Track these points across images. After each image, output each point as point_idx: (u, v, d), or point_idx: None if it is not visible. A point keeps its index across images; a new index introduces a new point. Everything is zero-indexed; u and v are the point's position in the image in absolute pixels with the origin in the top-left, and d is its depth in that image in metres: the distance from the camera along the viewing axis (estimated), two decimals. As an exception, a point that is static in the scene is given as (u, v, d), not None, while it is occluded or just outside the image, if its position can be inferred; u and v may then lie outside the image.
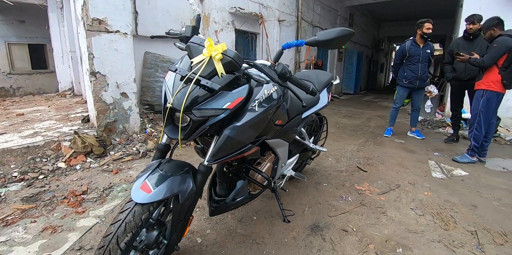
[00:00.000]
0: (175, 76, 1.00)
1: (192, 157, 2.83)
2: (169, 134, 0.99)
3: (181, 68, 0.98)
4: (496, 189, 2.33)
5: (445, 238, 1.64)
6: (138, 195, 0.90)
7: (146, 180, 0.93)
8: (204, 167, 1.04)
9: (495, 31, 2.55)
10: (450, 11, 8.01)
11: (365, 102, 8.44)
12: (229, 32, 4.52)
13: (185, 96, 0.89)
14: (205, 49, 0.92)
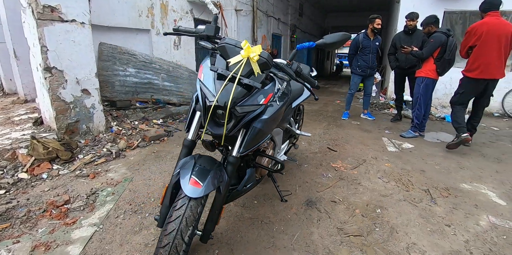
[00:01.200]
0: (213, 75, 1.05)
1: (172, 152, 2.81)
2: (212, 130, 1.06)
3: (221, 68, 1.03)
4: (435, 156, 2.96)
5: (408, 197, 2.07)
6: (191, 191, 0.94)
7: (192, 176, 0.98)
8: (234, 158, 1.13)
9: (432, 28, 3.13)
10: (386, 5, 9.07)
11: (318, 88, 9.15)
12: (189, 22, 4.38)
13: (231, 95, 0.97)
14: (243, 50, 1.01)
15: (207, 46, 1.20)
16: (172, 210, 0.94)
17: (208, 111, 1.02)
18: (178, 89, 4.44)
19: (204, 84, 1.04)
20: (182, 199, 0.95)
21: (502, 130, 4.29)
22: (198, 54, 4.92)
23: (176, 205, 0.95)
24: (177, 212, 0.93)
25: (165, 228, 0.92)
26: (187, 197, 0.94)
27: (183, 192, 0.95)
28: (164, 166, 2.49)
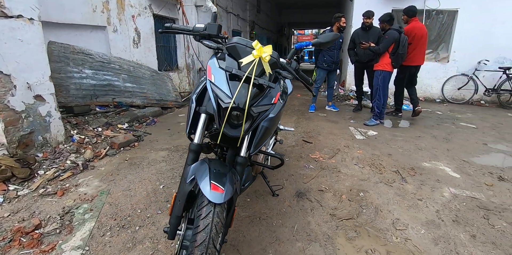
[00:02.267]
0: (225, 76, 1.02)
1: (147, 158, 2.67)
2: (229, 132, 1.03)
3: (235, 69, 1.02)
4: (397, 141, 3.32)
5: (383, 179, 2.31)
6: (215, 197, 0.90)
7: (212, 181, 0.93)
8: (243, 159, 1.12)
9: (386, 25, 3.49)
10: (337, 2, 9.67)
11: None
12: (147, 18, 4.11)
13: (248, 96, 0.97)
14: (255, 50, 1.01)
15: (212, 45, 1.18)
16: (198, 220, 0.89)
17: (222, 113, 1.00)
18: (141, 90, 4.19)
19: (216, 85, 1.01)
20: (206, 206, 0.90)
21: (444, 113, 4.99)
22: (160, 52, 4.67)
23: (201, 213, 0.90)
24: (204, 220, 0.89)
25: (194, 239, 0.87)
26: (211, 203, 0.91)
27: (205, 199, 0.91)
28: (142, 173, 2.34)
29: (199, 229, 0.87)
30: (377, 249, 1.48)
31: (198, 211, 0.91)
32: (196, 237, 0.87)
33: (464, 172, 2.50)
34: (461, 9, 5.38)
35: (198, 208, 0.92)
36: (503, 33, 5.35)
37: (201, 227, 0.88)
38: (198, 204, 0.93)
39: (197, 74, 5.97)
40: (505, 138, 3.64)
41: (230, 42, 1.07)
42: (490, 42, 5.44)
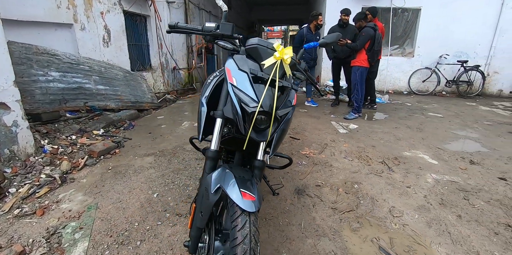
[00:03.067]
0: (248, 78, 0.99)
1: (132, 165, 2.53)
2: (255, 136, 0.99)
3: (258, 71, 0.99)
4: (377, 133, 3.53)
5: (372, 170, 2.45)
6: (248, 205, 0.87)
7: (241, 189, 0.90)
8: (260, 162, 1.08)
9: (363, 23, 3.66)
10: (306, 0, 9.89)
11: None
12: (117, 15, 3.85)
13: (275, 99, 0.95)
14: (277, 52, 0.99)
15: (228, 46, 1.13)
16: (235, 231, 0.85)
17: (248, 117, 0.96)
18: (115, 93, 3.94)
19: (239, 89, 0.97)
20: (241, 217, 0.87)
21: (413, 104, 5.40)
22: (132, 51, 4.42)
23: (236, 224, 0.86)
24: (242, 231, 0.85)
25: (234, 252, 0.83)
26: (245, 213, 0.87)
27: (238, 209, 0.87)
28: (131, 182, 2.21)
29: (237, 241, 0.84)
30: (380, 237, 1.58)
31: (232, 222, 0.87)
32: (236, 249, 0.83)
33: (440, 159, 2.74)
34: (423, 7, 5.83)
35: (231, 218, 0.88)
36: (460, 29, 5.91)
37: (239, 238, 0.84)
38: (230, 214, 0.89)
39: (171, 73, 5.76)
40: (468, 125, 4.05)
41: (251, 44, 1.05)
42: (450, 38, 5.98)
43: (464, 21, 5.82)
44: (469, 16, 5.79)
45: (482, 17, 5.77)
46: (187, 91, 6.46)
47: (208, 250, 0.99)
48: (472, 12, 5.77)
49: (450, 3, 5.74)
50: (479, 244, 1.55)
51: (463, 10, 5.76)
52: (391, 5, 5.72)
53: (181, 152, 2.81)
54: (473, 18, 5.77)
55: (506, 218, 1.81)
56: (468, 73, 6.04)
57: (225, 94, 1.07)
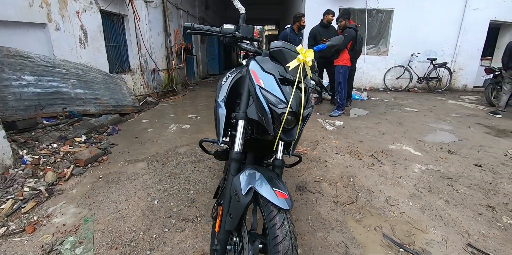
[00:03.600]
0: (275, 80, 1.01)
1: (124, 172, 2.45)
2: (286, 137, 1.01)
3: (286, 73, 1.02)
4: (362, 128, 3.72)
5: (364, 164, 2.60)
6: (284, 203, 0.90)
7: (273, 188, 0.92)
8: (281, 161, 1.12)
9: (345, 23, 3.83)
10: (283, 0, 10.06)
11: None
12: (94, 14, 3.67)
13: (302, 100, 0.99)
14: (300, 55, 1.03)
15: (251, 49, 1.14)
16: (274, 229, 0.87)
17: (277, 118, 0.97)
18: (94, 97, 3.77)
19: (268, 90, 0.99)
20: (279, 215, 0.89)
21: (390, 100, 5.74)
22: (110, 52, 4.24)
23: (275, 222, 0.88)
24: (282, 229, 0.87)
25: (277, 250, 0.85)
26: (282, 211, 0.90)
27: (274, 208, 0.90)
28: (126, 190, 2.12)
29: (279, 239, 0.86)
30: (382, 225, 1.69)
31: (269, 221, 0.89)
32: (278, 247, 0.85)
33: (422, 150, 2.97)
34: (396, 9, 6.23)
35: (268, 218, 0.90)
36: (429, 30, 6.39)
37: (280, 236, 0.86)
38: (266, 214, 0.91)
39: (151, 75, 5.60)
40: (441, 118, 4.40)
41: (276, 46, 1.06)
42: (420, 38, 6.43)
43: (432, 22, 6.30)
44: (437, 18, 6.28)
45: (448, 18, 6.28)
46: (167, 93, 6.32)
47: (239, 252, 1.00)
48: (439, 14, 6.27)
49: (420, 5, 6.19)
50: (467, 224, 1.72)
51: (431, 12, 6.24)
52: (366, 7, 6.03)
53: (174, 155, 2.76)
54: (440, 19, 6.27)
55: (486, 199, 2.02)
56: (437, 70, 6.54)
57: (247, 96, 1.08)
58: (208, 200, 1.96)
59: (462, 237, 1.61)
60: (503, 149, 3.06)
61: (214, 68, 10.79)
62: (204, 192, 2.07)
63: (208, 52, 10.17)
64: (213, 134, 3.39)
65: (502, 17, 6.26)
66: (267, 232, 0.90)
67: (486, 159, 2.76)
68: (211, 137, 3.34)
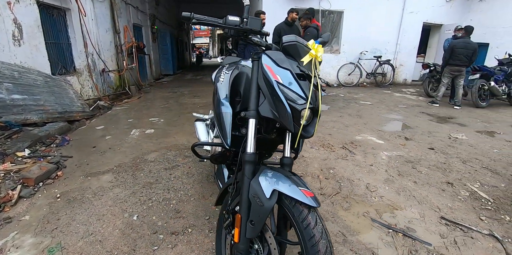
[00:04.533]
0: (292, 76, 0.96)
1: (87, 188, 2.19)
2: (306, 133, 0.98)
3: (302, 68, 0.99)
4: (328, 122, 3.94)
5: (338, 155, 2.76)
6: (313, 201, 0.87)
7: (299, 188, 0.90)
8: (289, 159, 1.09)
9: (307, 23, 3.99)
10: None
11: (192, 80, 9.12)
12: (30, 6, 3.14)
13: (319, 95, 0.97)
14: (313, 50, 1.01)
15: (262, 42, 1.08)
16: (309, 229, 0.85)
17: (296, 115, 0.93)
18: (36, 103, 3.27)
19: (286, 86, 0.94)
20: (311, 214, 0.87)
21: (345, 95, 6.20)
22: (50, 51, 3.72)
23: (308, 222, 0.86)
24: (317, 228, 0.86)
25: (316, 249, 0.83)
26: (312, 209, 0.88)
27: (304, 208, 0.88)
28: (95, 208, 1.84)
29: (316, 238, 0.84)
30: (369, 211, 1.82)
31: (302, 222, 0.87)
32: (317, 247, 0.83)
33: (384, 139, 3.28)
34: (346, 10, 6.74)
35: (300, 218, 0.87)
36: (375, 30, 7.07)
37: (317, 235, 0.84)
38: (296, 215, 0.88)
39: (100, 76, 5.08)
40: (392, 109, 4.92)
41: (290, 41, 1.03)
42: (367, 37, 7.08)
43: (377, 23, 7.00)
44: (381, 19, 6.99)
45: (390, 20, 7.05)
46: (120, 96, 5.82)
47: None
48: (383, 16, 7.00)
49: (366, 8, 6.82)
50: (436, 200, 1.96)
51: (376, 14, 6.93)
52: (319, 8, 6.41)
53: (144, 163, 2.54)
54: (384, 20, 7.00)
55: (445, 177, 2.32)
56: (382, 67, 7.29)
57: (256, 93, 1.02)
58: (195, 207, 1.85)
59: (434, 212, 1.83)
60: (446, 133, 3.55)
61: (167, 68, 10.29)
62: (188, 200, 1.94)
63: (161, 51, 9.65)
64: (182, 137, 3.26)
65: (432, 19, 7.28)
66: (300, 233, 0.86)
67: (436, 143, 3.17)
68: (180, 141, 3.19)
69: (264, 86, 1.00)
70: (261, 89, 1.01)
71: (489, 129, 3.86)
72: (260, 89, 1.02)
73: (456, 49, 4.85)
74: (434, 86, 6.03)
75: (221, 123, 1.11)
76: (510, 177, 2.36)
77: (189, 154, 2.72)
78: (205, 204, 1.89)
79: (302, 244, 0.86)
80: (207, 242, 1.53)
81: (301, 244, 0.87)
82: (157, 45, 9.18)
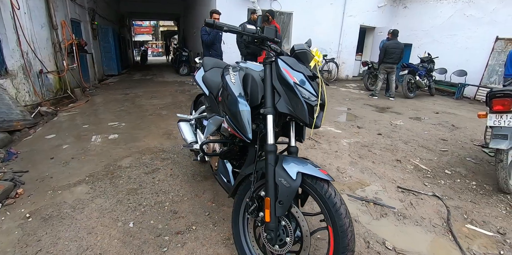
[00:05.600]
0: (305, 77, 1.14)
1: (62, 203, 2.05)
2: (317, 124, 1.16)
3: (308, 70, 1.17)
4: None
5: (307, 146, 3.08)
6: (329, 177, 1.06)
7: (317, 168, 1.09)
8: (295, 148, 1.28)
9: (266, 24, 4.22)
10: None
11: (143, 81, 8.58)
12: None
13: (325, 93, 1.16)
14: (316, 56, 1.20)
15: (277, 49, 1.23)
16: (331, 198, 1.03)
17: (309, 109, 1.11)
18: (-33, 111, 2.81)
19: (303, 86, 1.12)
20: (330, 187, 1.06)
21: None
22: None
23: (330, 193, 1.04)
24: (337, 196, 1.05)
25: (340, 213, 1.02)
26: (330, 184, 1.07)
27: (324, 183, 1.06)
28: (80, 222, 1.70)
29: (339, 204, 1.03)
30: (343, 188, 2.15)
31: (325, 193, 1.04)
32: (340, 210, 1.02)
33: (341, 128, 3.75)
34: (294, 12, 7.23)
35: (323, 191, 1.05)
36: (320, 31, 7.75)
37: (338, 202, 1.03)
38: (319, 189, 1.05)
39: (37, 79, 4.52)
40: (341, 102, 5.55)
41: (301, 49, 1.20)
42: (314, 37, 7.60)
43: (323, 24, 7.70)
44: (325, 21, 7.71)
45: (333, 22, 7.82)
46: (61, 100, 5.24)
47: (294, 230, 1.14)
48: (327, 18, 7.72)
49: (312, 10, 7.44)
50: (391, 174, 2.41)
51: (321, 16, 7.62)
52: (271, 8, 6.74)
53: (119, 170, 2.41)
54: (328, 22, 7.74)
55: (394, 156, 2.83)
56: (328, 64, 8.05)
57: (271, 92, 1.17)
58: (191, 206, 1.88)
59: (392, 183, 2.26)
60: (388, 121, 4.22)
61: (111, 68, 9.48)
62: (182, 200, 1.96)
63: (103, 49, 8.84)
64: (153, 140, 3.17)
65: (367, 22, 8.33)
66: (323, 203, 1.05)
67: (382, 129, 3.76)
68: (152, 144, 3.10)
69: (279, 86, 1.16)
70: (276, 89, 1.17)
71: (418, 115, 4.70)
72: (275, 89, 1.17)
73: (389, 49, 5.73)
74: (372, 81, 6.96)
75: (239, 120, 1.22)
76: (439, 152, 3.00)
77: (166, 156, 2.70)
78: (200, 202, 1.95)
79: (326, 212, 1.06)
80: (214, 235, 1.61)
81: (325, 212, 1.06)
82: (99, 43, 8.41)
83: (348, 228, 1.03)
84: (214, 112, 1.71)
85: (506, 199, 2.07)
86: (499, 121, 1.91)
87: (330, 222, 1.06)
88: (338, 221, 1.02)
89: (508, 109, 1.84)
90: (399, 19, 8.48)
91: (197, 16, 8.77)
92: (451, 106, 5.74)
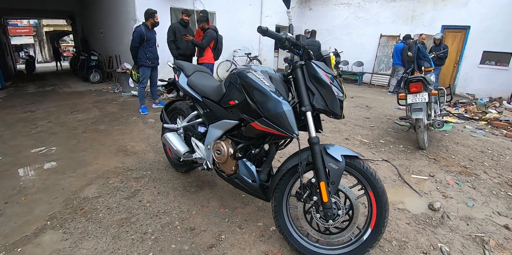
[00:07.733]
0: (333, 77, 1.37)
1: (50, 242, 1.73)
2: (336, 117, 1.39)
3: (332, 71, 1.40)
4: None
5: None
6: (361, 155, 1.39)
7: (351, 150, 1.39)
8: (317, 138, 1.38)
9: (205, 25, 4.24)
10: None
11: (44, 93, 6.86)
12: None
13: (344, 90, 1.39)
14: (332, 60, 1.45)
15: (312, 55, 1.43)
16: (369, 170, 1.34)
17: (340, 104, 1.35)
18: None
19: (334, 86, 1.35)
20: (365, 162, 1.37)
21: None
22: None
23: (367, 167, 1.34)
24: (373, 170, 1.36)
25: (381, 185, 1.33)
26: (363, 161, 1.37)
27: (360, 160, 1.36)
28: None
29: (377, 177, 1.35)
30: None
31: (363, 167, 1.35)
32: (378, 179, 1.34)
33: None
34: (217, 11, 7.32)
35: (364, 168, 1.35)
36: (243, 30, 8.13)
37: (374, 173, 1.36)
38: (360, 166, 1.35)
39: None
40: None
41: (327, 54, 1.43)
42: (238, 36, 8.04)
43: (245, 24, 8.10)
44: (246, 20, 8.13)
45: (253, 22, 8.31)
46: None
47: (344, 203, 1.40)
48: (247, 18, 8.15)
49: (234, 10, 7.74)
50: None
51: (242, 16, 8.00)
52: (194, 8, 6.66)
53: (88, 202, 2.02)
54: (249, 22, 8.18)
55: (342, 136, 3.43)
56: (252, 61, 8.57)
57: (306, 92, 1.37)
58: (205, 218, 1.83)
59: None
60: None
61: (-11, 79, 7.46)
62: (191, 215, 1.86)
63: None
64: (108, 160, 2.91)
65: (281, 22, 9.21)
66: (364, 176, 1.35)
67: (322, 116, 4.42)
68: (110, 165, 2.71)
69: (312, 86, 1.36)
70: (310, 88, 1.37)
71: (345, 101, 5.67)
72: (309, 88, 1.37)
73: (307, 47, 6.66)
74: (296, 75, 7.85)
75: (284, 119, 1.32)
76: (369, 127, 3.81)
77: (138, 175, 2.43)
78: (212, 211, 1.91)
79: (365, 181, 1.36)
80: (247, 237, 1.65)
81: (364, 182, 1.37)
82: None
83: (384, 190, 1.36)
84: (216, 117, 1.74)
85: (424, 153, 2.90)
86: (415, 99, 2.67)
87: (370, 187, 1.37)
88: (377, 185, 1.34)
89: (420, 90, 2.61)
90: (306, 20, 9.74)
91: (105, 15, 7.83)
92: (358, 91, 7.10)
